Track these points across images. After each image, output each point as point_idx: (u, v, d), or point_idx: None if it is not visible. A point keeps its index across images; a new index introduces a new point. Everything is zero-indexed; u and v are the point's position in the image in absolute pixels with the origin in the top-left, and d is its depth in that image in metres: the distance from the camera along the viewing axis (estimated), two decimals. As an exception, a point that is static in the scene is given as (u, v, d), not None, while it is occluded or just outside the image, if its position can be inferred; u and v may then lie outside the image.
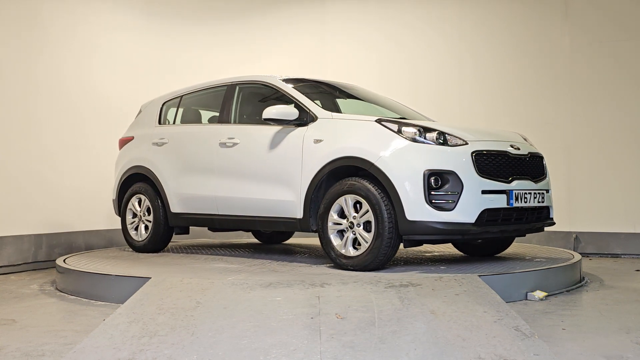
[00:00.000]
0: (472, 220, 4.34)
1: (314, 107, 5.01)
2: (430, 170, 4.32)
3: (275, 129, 5.10)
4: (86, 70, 7.23)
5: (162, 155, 5.94)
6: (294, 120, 4.94)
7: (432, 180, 4.32)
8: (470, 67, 7.88)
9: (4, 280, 5.83)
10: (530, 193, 4.68)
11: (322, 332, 3.13)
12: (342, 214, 4.66)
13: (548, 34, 7.58)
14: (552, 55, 7.55)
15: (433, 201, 4.31)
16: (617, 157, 7.25)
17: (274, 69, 7.19)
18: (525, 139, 5.17)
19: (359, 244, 4.57)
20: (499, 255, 5.53)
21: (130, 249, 6.28)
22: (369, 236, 4.47)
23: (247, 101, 5.82)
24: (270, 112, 4.92)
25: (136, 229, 6.13)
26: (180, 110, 6.18)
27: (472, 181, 4.36)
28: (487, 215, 4.40)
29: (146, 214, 6.03)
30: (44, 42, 6.83)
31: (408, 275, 4.35)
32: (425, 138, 4.45)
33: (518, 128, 6.36)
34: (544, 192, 4.87)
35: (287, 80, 5.39)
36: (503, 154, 4.61)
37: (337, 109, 5.61)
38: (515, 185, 4.58)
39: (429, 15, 8.09)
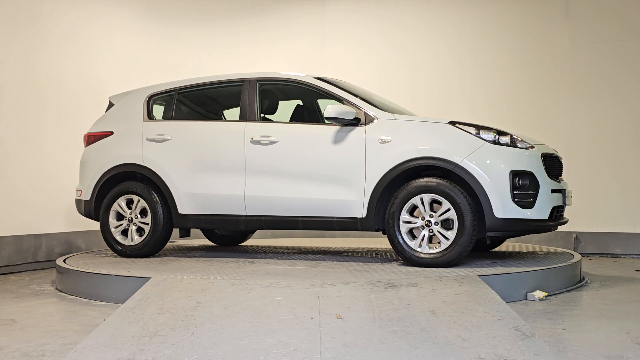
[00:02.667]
0: (546, 216, 4.77)
1: (369, 107, 5.06)
2: (514, 170, 4.65)
3: (324, 128, 5.10)
4: (88, 72, 7.22)
5: (164, 152, 5.55)
6: (351, 120, 4.96)
7: (516, 181, 4.65)
8: (471, 67, 7.88)
9: (4, 280, 5.83)
10: (570, 192, 5.19)
11: (322, 332, 3.13)
12: (411, 213, 4.80)
13: (548, 34, 7.58)
14: (552, 55, 7.55)
15: (516, 200, 4.63)
16: (617, 157, 7.25)
17: (273, 70, 7.18)
18: None
19: (431, 242, 4.78)
20: (499, 254, 5.52)
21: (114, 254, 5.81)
22: (451, 234, 4.67)
23: (275, 98, 5.75)
24: (331, 111, 4.90)
25: (123, 232, 5.66)
26: (177, 105, 5.81)
27: (545, 181, 4.78)
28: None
29: (139, 215, 5.60)
30: (44, 43, 6.83)
31: (408, 275, 4.35)
32: (500, 141, 4.75)
33: (518, 128, 6.36)
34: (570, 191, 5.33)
35: (319, 80, 5.36)
36: (555, 157, 5.12)
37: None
38: (563, 185, 5.07)
39: (429, 16, 8.08)
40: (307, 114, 5.84)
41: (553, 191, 4.84)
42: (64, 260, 5.44)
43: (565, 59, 7.49)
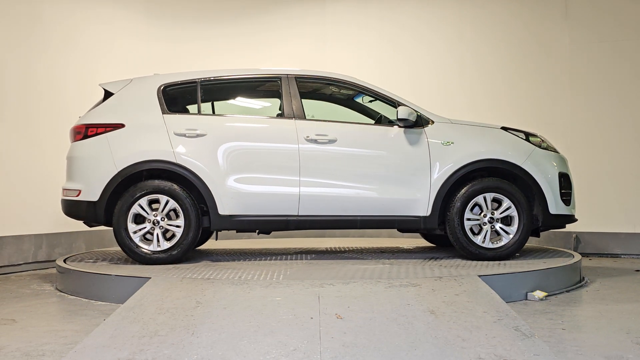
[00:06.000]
0: (575, 213, 5.47)
1: (423, 110, 5.33)
2: (560, 172, 5.30)
3: (383, 128, 5.30)
4: (88, 74, 7.22)
5: (200, 148, 5.11)
6: (413, 121, 5.18)
7: (561, 181, 5.28)
8: (471, 67, 7.88)
9: (4, 280, 5.83)
10: None
11: (322, 332, 3.13)
12: (470, 211, 5.18)
13: (548, 34, 7.59)
14: (552, 54, 7.56)
15: (563, 198, 5.28)
16: (617, 157, 7.26)
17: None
18: None
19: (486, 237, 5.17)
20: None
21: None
22: (511, 229, 5.16)
23: (322, 97, 5.77)
24: (403, 112, 5.11)
25: (144, 236, 5.11)
26: (203, 98, 5.45)
27: (573, 182, 5.47)
28: None
29: (166, 218, 5.10)
30: (45, 46, 6.84)
31: (408, 275, 4.35)
32: (542, 146, 5.36)
33: (518, 127, 6.38)
34: None
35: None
36: None
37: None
38: None
39: (429, 16, 8.08)
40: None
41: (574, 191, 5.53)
42: (64, 260, 5.44)
43: (565, 59, 7.49)
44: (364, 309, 3.48)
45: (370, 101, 5.71)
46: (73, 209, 5.25)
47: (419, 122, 5.23)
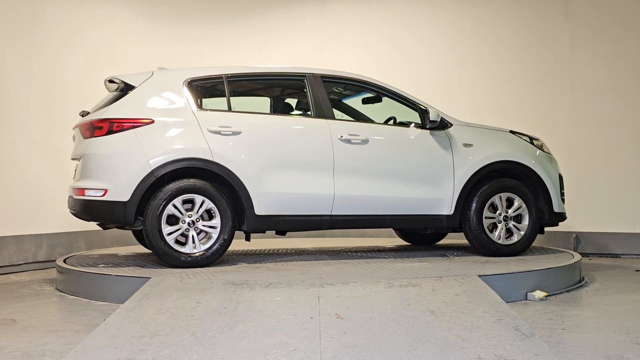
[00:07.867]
0: (565, 210, 5.74)
1: (441, 113, 5.47)
2: (559, 173, 5.68)
3: (409, 130, 5.43)
4: (89, 74, 7.22)
5: (236, 146, 4.95)
6: (438, 123, 5.36)
7: (560, 181, 5.65)
8: (472, 68, 7.88)
9: (4, 280, 5.83)
10: None
11: (322, 332, 3.13)
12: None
13: (548, 34, 7.59)
14: (552, 54, 7.56)
15: (562, 198, 5.64)
16: (617, 157, 7.26)
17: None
18: None
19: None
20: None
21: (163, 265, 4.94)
22: (523, 226, 5.44)
23: (348, 97, 5.85)
24: (434, 115, 5.30)
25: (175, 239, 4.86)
26: (232, 94, 5.28)
27: (563, 182, 5.75)
28: None
29: (200, 219, 4.88)
30: (46, 46, 6.84)
31: (408, 275, 4.35)
32: (542, 148, 5.71)
33: (518, 128, 6.38)
34: None
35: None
36: None
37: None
38: None
39: (430, 16, 8.08)
40: (289, 109, 5.82)
41: None
42: (64, 260, 5.44)
43: (565, 59, 7.50)
44: (364, 309, 3.48)
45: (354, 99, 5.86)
46: (95, 209, 4.89)
47: (441, 124, 5.41)
